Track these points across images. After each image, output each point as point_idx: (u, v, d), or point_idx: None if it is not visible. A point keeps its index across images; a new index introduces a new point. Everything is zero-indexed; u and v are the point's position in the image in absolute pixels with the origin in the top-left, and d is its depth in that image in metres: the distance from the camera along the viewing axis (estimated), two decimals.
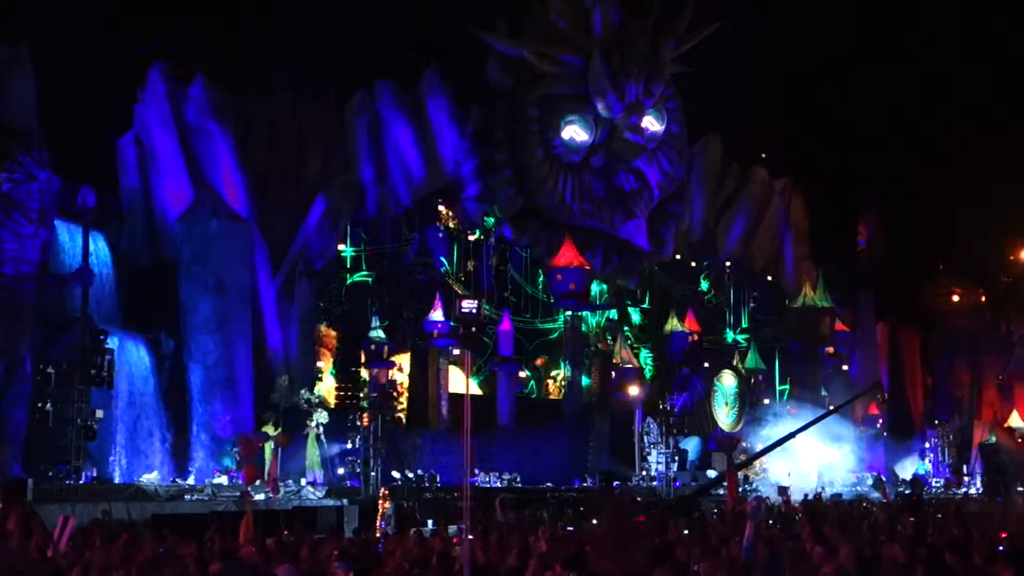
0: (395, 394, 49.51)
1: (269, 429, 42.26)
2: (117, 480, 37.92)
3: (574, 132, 55.71)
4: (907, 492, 51.87)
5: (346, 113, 50.95)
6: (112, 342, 36.21)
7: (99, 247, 41.62)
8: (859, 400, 69.32)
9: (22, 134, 36.55)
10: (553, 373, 59.15)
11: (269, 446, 41.09)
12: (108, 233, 43.00)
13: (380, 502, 26.75)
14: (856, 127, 78.15)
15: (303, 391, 45.59)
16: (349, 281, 51.88)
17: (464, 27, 53.27)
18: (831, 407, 65.88)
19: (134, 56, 45.01)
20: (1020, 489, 57.00)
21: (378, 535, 22.87)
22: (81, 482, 33.73)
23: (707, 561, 13.90)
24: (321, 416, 44.77)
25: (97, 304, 38.98)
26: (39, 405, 33.88)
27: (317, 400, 45.83)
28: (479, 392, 55.02)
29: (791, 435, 50.75)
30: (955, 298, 78.83)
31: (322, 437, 44.63)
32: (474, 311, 51.37)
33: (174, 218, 44.37)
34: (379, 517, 26.37)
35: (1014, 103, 76.63)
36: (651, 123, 57.01)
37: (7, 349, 34.65)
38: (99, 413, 34.87)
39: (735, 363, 64.69)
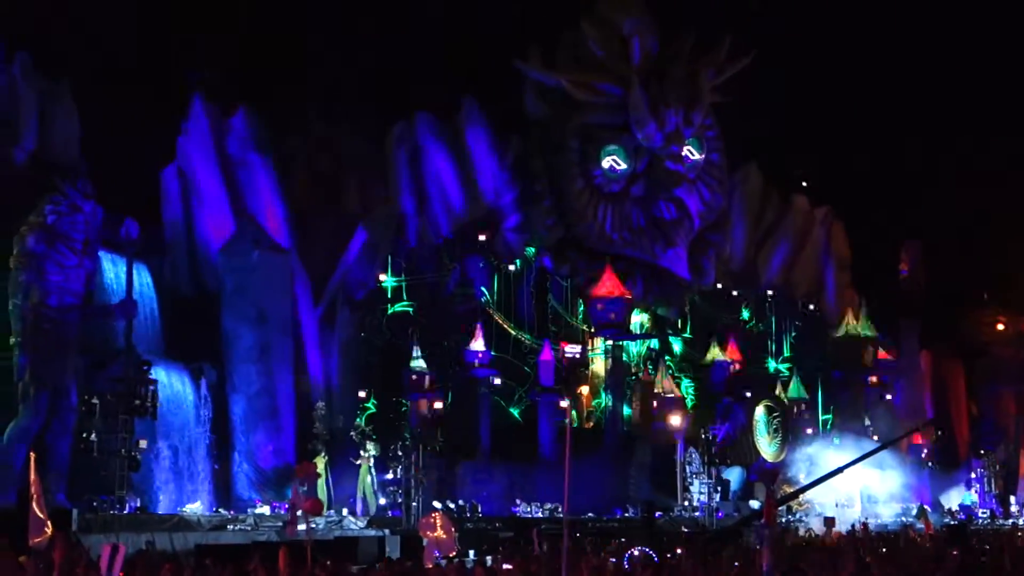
0: (436, 424, 49.41)
1: (319, 460, 42.20)
2: (160, 510, 37.98)
3: (614, 162, 55.72)
4: (952, 523, 51.29)
5: (386, 144, 51.23)
6: (155, 373, 36.34)
7: (143, 278, 41.87)
8: (903, 429, 68.78)
9: (66, 167, 36.91)
10: (594, 403, 58.92)
11: (321, 478, 41.25)
12: (151, 264, 43.25)
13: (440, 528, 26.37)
14: (897, 155, 77.65)
15: (358, 421, 45.72)
16: (390, 311, 51.91)
17: (502, 57, 53.48)
18: (875, 436, 65.56)
19: (176, 89, 45.39)
20: None
21: (430, 565, 22.73)
22: (125, 512, 33.79)
23: None
24: (374, 447, 44.72)
25: (141, 335, 39.17)
26: (83, 436, 34.03)
27: (369, 430, 45.81)
28: (519, 421, 54.92)
29: (838, 470, 50.36)
30: (999, 327, 77.98)
31: (372, 467, 44.55)
32: (578, 355, 51.63)
33: (216, 249, 44.58)
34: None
35: None
36: (691, 152, 56.95)
37: (52, 380, 34.82)
38: (143, 443, 35.00)
39: (777, 392, 64.24)
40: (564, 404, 56.37)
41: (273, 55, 47.04)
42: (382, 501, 44.30)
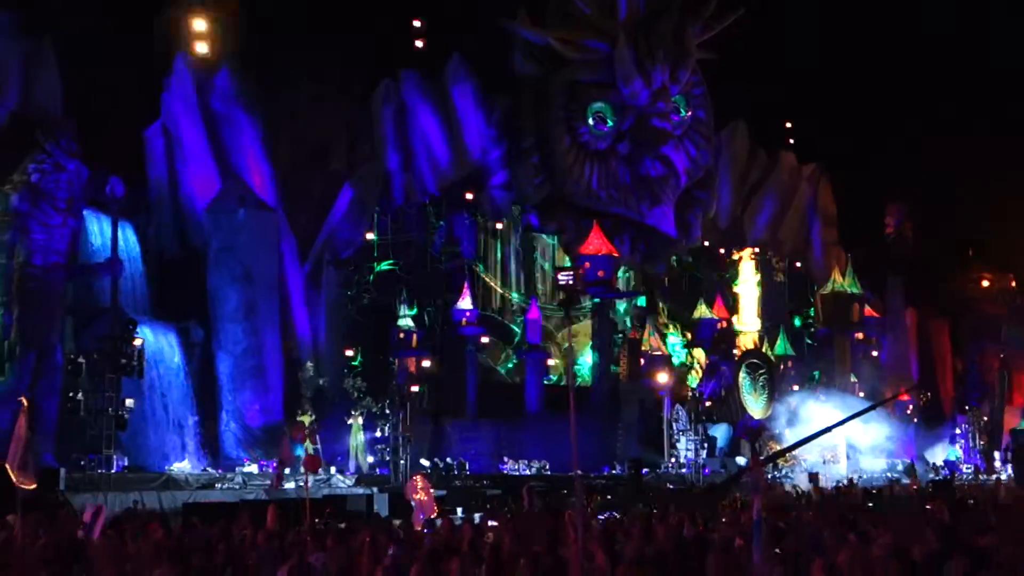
0: (423, 383, 49.49)
1: (306, 419, 42.26)
2: (148, 469, 38.01)
3: (600, 119, 55.58)
4: (937, 478, 51.60)
5: (372, 102, 50.98)
6: (141, 332, 36.26)
7: (128, 237, 41.75)
8: (889, 387, 69.13)
9: (49, 124, 36.67)
10: (581, 360, 59.01)
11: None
12: (136, 223, 43.11)
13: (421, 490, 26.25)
14: (883, 112, 77.62)
15: (349, 380, 45.80)
16: (377, 269, 51.86)
17: (488, 15, 53.18)
18: (861, 393, 65.91)
19: (160, 45, 45.03)
20: None
21: (419, 527, 22.79)
22: (112, 471, 33.82)
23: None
24: (367, 404, 44.81)
25: (126, 294, 39.13)
26: (70, 395, 34.01)
27: (364, 388, 45.85)
28: (507, 379, 55.04)
29: (827, 429, 50.75)
30: (985, 284, 78.27)
31: (362, 426, 44.60)
32: (571, 280, 51.48)
33: (202, 207, 44.41)
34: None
35: None
36: (677, 109, 56.82)
37: (38, 339, 34.78)
38: (130, 402, 34.96)
39: (764, 350, 64.43)
40: (551, 362, 56.55)
41: (259, 12, 46.59)
42: (370, 459, 44.39)
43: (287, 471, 35.48)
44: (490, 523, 21.11)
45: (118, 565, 13.52)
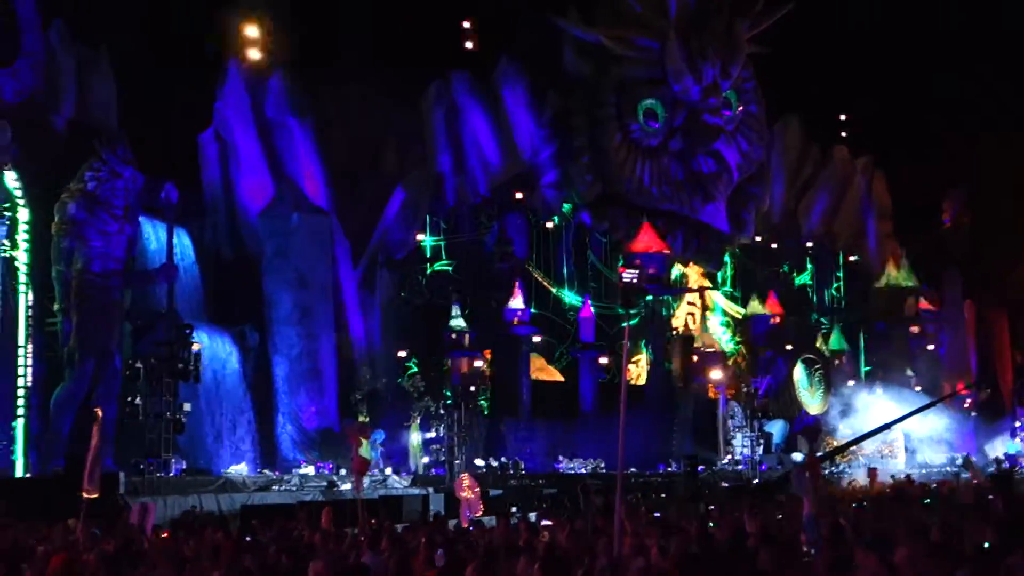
0: (478, 382, 49.60)
1: (363, 419, 42.53)
2: (206, 472, 38.35)
3: (651, 115, 55.48)
4: (996, 472, 51.05)
5: (422, 104, 51.17)
6: (198, 336, 36.61)
7: (183, 243, 42.14)
8: (947, 381, 68.50)
9: (105, 133, 37.09)
10: (635, 358, 58.91)
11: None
12: (191, 228, 43.49)
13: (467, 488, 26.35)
14: (939, 103, 76.79)
15: (407, 380, 46.06)
16: (429, 271, 52.06)
17: (538, 14, 53.20)
18: (918, 387, 65.35)
19: (213, 52, 45.41)
20: None
21: (466, 525, 22.90)
22: (171, 475, 34.18)
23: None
24: (426, 404, 44.98)
25: (182, 299, 39.47)
26: (129, 400, 34.41)
27: (423, 388, 46.04)
28: (561, 379, 55.03)
29: (886, 426, 50.51)
30: None
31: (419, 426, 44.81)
32: (636, 279, 51.36)
33: (255, 213, 44.74)
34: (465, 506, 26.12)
35: None
36: (729, 104, 56.61)
37: (97, 345, 35.15)
38: (187, 406, 35.32)
39: (818, 345, 64.07)
40: (603, 360, 56.47)
41: (309, 18, 46.85)
42: (425, 460, 44.57)
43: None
44: (544, 522, 21.12)
45: (176, 567, 13.67)
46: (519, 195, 54.61)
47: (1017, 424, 67.84)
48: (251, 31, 45.63)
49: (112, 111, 39.31)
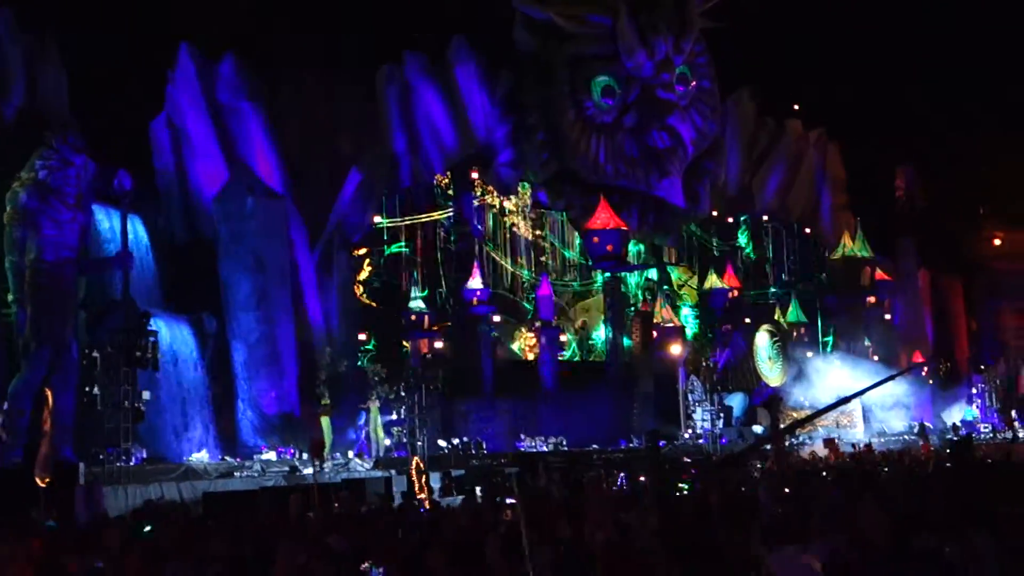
0: (438, 363, 49.58)
1: (325, 403, 42.50)
2: (167, 460, 38.20)
3: (606, 92, 55.51)
4: (954, 439, 51.61)
5: (376, 85, 50.94)
6: (155, 323, 36.36)
7: (137, 230, 41.80)
8: (904, 349, 69.14)
9: (55, 121, 36.71)
10: (593, 336, 59.08)
11: (327, 421, 41.63)
12: (145, 215, 43.15)
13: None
14: (890, 74, 77.21)
15: (368, 363, 45.97)
16: (387, 253, 51.94)
17: None
18: (875, 357, 65.95)
19: (163, 37, 45.05)
20: None
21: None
22: (131, 464, 33.99)
23: None
24: (384, 389, 44.94)
25: (138, 287, 39.12)
26: (86, 389, 34.15)
27: (383, 373, 45.98)
28: (522, 358, 55.11)
29: (846, 399, 50.67)
30: (997, 242, 78.14)
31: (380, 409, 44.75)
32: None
33: (210, 197, 44.45)
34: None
35: None
36: (682, 79, 56.71)
37: (52, 336, 34.84)
38: (146, 395, 35.08)
39: (776, 317, 64.47)
40: (564, 338, 56.59)
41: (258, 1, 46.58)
42: (387, 442, 44.54)
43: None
44: (508, 501, 21.19)
45: (137, 555, 13.59)
46: (475, 174, 54.56)
47: (973, 391, 68.54)
48: (202, 14, 45.25)
49: (62, 99, 38.84)
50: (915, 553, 9.91)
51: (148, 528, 17.03)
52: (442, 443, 44.16)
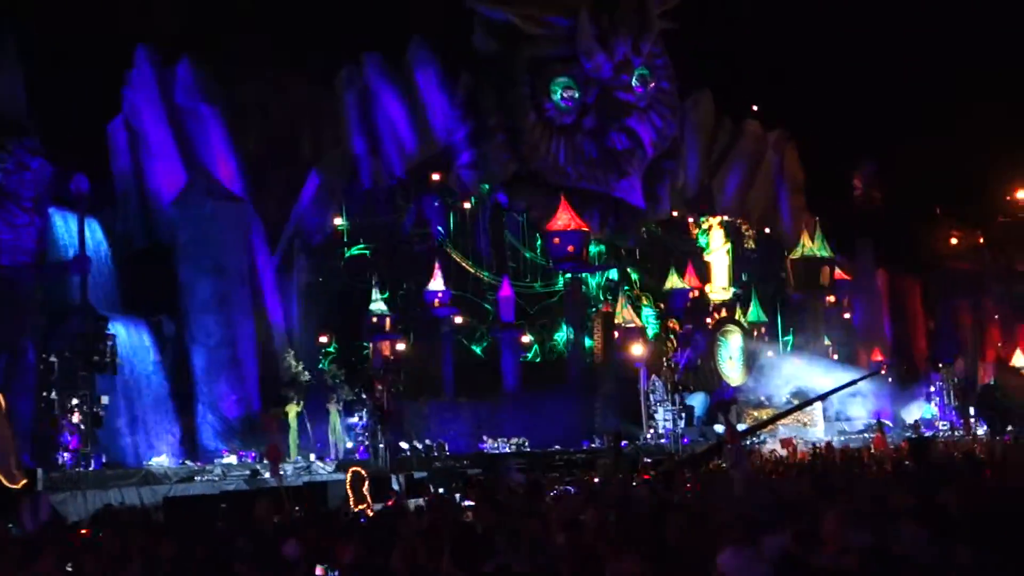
0: (399, 365, 49.49)
1: (292, 407, 42.25)
2: (126, 465, 37.97)
3: (564, 93, 55.61)
4: (914, 437, 51.98)
5: (335, 87, 50.84)
6: (113, 328, 36.16)
7: (95, 233, 41.53)
8: (863, 348, 69.65)
9: (11, 123, 36.42)
10: (555, 336, 59.10)
11: (294, 424, 41.44)
12: (103, 218, 42.89)
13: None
14: (846, 75, 77.73)
15: (329, 367, 45.82)
16: (347, 255, 51.80)
17: None
18: (835, 356, 66.41)
19: (119, 39, 44.79)
20: (1010, 429, 57.17)
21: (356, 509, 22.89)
22: (91, 469, 33.77)
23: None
24: (344, 391, 44.75)
25: (96, 291, 38.93)
26: (44, 394, 33.91)
27: (341, 373, 45.79)
28: (483, 359, 55.09)
29: (808, 402, 51.49)
30: (953, 241, 78.90)
31: (341, 412, 44.56)
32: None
33: (169, 201, 44.24)
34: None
35: (1011, 44, 76.09)
36: (641, 81, 56.89)
37: (8, 340, 34.60)
38: (104, 399, 34.90)
39: (736, 317, 64.75)
40: (525, 339, 56.59)
41: (216, 2, 46.40)
42: (349, 445, 44.41)
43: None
44: (466, 503, 21.18)
45: (96, 560, 13.52)
46: (436, 176, 54.49)
47: (932, 389, 69.07)
48: (158, 16, 45.05)
49: (19, 101, 38.52)
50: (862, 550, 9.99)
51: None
52: (404, 445, 44.07)
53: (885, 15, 77.33)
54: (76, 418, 33.87)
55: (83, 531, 20.27)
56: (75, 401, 33.88)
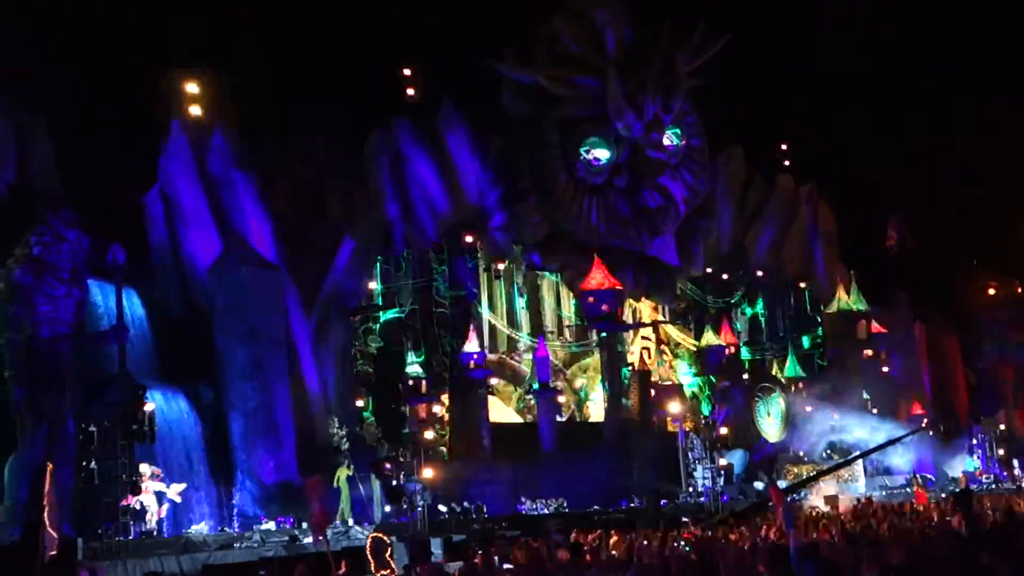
0: (436, 428, 49.46)
1: (343, 471, 42.10)
2: (166, 533, 37.93)
3: (596, 153, 55.81)
4: (956, 491, 51.41)
5: (366, 152, 51.22)
6: (151, 396, 36.24)
7: (132, 302, 41.72)
8: (902, 401, 69.11)
9: (47, 196, 36.84)
10: (592, 396, 58.97)
11: (345, 488, 41.24)
12: (140, 288, 43.08)
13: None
14: (879, 129, 77.71)
15: (363, 429, 45.80)
16: (383, 318, 51.92)
17: (476, 57, 53.46)
18: (874, 410, 65.90)
19: (155, 111, 45.29)
20: None
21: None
22: (130, 538, 33.75)
23: None
24: (384, 452, 44.60)
25: (134, 359, 39.01)
26: (84, 464, 33.96)
27: (380, 436, 45.65)
28: (520, 420, 54.96)
29: (850, 460, 51.18)
30: (991, 292, 78.32)
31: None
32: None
33: (204, 268, 44.50)
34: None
35: None
36: (672, 139, 57.06)
37: (49, 411, 34.72)
38: (143, 468, 34.95)
39: (774, 372, 64.41)
40: (562, 399, 56.48)
41: (250, 71, 46.79)
42: (387, 508, 44.21)
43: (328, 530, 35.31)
44: (506, 566, 21.06)
45: None
46: (469, 238, 54.68)
47: (974, 441, 68.38)
48: (192, 88, 45.53)
49: (54, 174, 39.03)
50: None
51: None
52: (442, 508, 43.88)
53: (917, 62, 77.36)
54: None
55: None
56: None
